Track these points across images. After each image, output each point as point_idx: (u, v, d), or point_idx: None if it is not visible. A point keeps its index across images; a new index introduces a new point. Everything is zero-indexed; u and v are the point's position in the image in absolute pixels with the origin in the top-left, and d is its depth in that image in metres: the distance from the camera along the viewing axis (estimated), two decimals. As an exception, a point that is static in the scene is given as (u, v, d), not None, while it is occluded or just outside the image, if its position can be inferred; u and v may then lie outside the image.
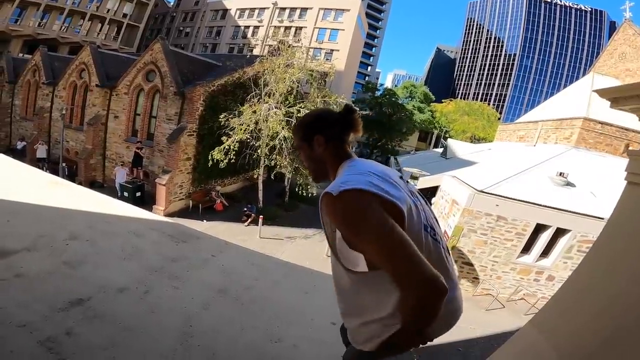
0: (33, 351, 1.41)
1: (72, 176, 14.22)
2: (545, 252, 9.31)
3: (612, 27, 67.39)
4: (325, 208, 0.89)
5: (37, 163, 13.92)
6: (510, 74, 77.86)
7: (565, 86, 24.94)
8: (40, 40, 26.16)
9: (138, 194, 12.85)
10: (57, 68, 16.63)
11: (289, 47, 13.05)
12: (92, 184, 14.11)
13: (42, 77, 16.54)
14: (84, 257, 2.22)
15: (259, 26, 40.27)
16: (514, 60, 77.91)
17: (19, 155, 14.76)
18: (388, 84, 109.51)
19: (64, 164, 14.18)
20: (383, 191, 0.85)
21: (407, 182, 1.11)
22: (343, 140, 1.10)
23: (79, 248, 2.32)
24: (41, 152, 15.28)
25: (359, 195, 0.84)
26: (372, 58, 66.56)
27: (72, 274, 2.02)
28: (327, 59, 26.72)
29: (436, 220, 1.08)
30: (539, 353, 1.64)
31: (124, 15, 33.82)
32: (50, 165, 14.79)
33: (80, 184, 12.52)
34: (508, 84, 77.87)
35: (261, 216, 12.22)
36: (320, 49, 37.40)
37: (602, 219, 8.09)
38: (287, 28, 38.60)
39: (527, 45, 77.00)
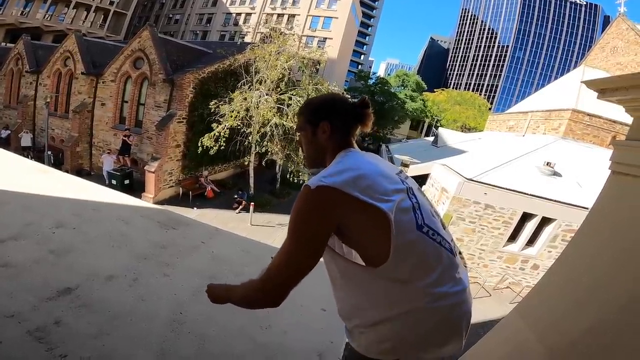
0: (23, 341, 1.40)
1: (58, 164, 13.96)
2: (531, 241, 9.52)
3: (606, 22, 67.81)
4: (299, 197, 0.88)
5: (22, 152, 13.63)
6: (503, 65, 78.26)
7: (556, 78, 25.14)
8: (24, 29, 25.29)
9: (127, 181, 12.71)
10: (41, 56, 16.21)
11: (280, 34, 12.87)
12: (79, 172, 13.85)
13: (26, 65, 16.10)
14: (71, 245, 2.19)
15: (251, 13, 39.49)
16: (506, 51, 78.21)
17: (3, 144, 14.46)
18: (381, 72, 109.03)
19: (49, 152, 13.89)
20: (363, 192, 0.84)
21: (407, 177, 1.04)
22: (349, 133, 1.05)
23: (65, 236, 2.29)
24: (26, 140, 14.97)
25: (330, 193, 0.84)
26: (365, 47, 65.97)
27: (60, 263, 2.00)
28: (320, 47, 26.41)
29: (437, 217, 1.01)
30: (523, 341, 1.68)
31: (111, 3, 32.70)
32: (35, 153, 14.50)
33: (66, 172, 12.29)
34: (500, 75, 78.32)
35: (252, 203, 12.23)
36: (314, 37, 36.98)
37: (587, 208, 8.26)
38: (280, 15, 37.96)
39: (520, 37, 77.26)
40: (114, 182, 12.41)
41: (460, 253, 8.37)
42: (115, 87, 13.88)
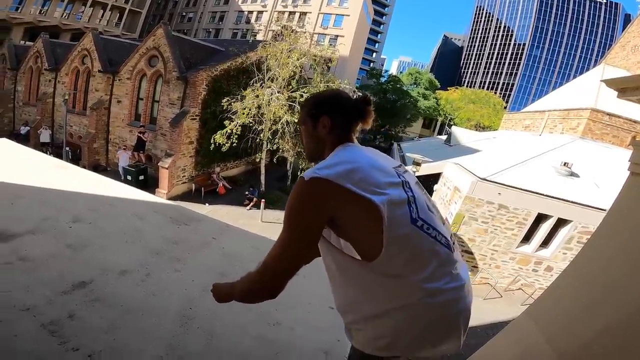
0: (36, 335, 1.42)
1: (75, 160, 14.33)
2: (545, 243, 9.32)
3: (627, 20, 65.60)
4: (294, 188, 0.89)
5: (41, 147, 14.02)
6: (519, 63, 76.65)
7: (575, 77, 24.47)
8: (42, 27, 25.94)
9: (141, 177, 12.96)
10: (59, 54, 16.62)
11: (292, 32, 12.88)
12: (96, 168, 14.18)
13: (45, 63, 16.53)
14: (86, 240, 2.25)
15: (263, 11, 39.63)
16: (523, 49, 76.56)
17: (22, 140, 14.83)
18: (393, 70, 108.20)
19: (67, 148, 14.27)
20: (356, 185, 0.84)
21: (405, 171, 1.04)
22: (349, 129, 1.06)
23: (81, 231, 2.34)
24: (45, 136, 15.37)
25: (323, 185, 0.85)
26: (377, 44, 65.52)
27: (75, 257, 2.05)
28: (331, 45, 26.33)
29: (435, 211, 1.00)
30: (533, 343, 1.65)
31: (126, 1, 33.23)
32: (54, 149, 14.89)
33: (84, 167, 12.59)
34: (516, 74, 76.77)
35: (263, 200, 12.31)
36: (325, 34, 36.88)
37: (604, 210, 8.05)
38: (291, 13, 37.95)
39: (538, 35, 75.49)
40: (129, 177, 12.66)
41: (471, 254, 8.19)
42: (130, 85, 14.13)
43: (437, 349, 0.91)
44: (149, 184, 12.86)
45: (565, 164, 9.57)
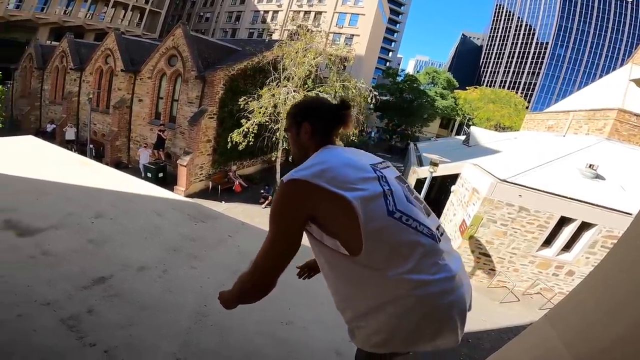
0: (55, 330, 1.45)
1: (99, 157, 14.78)
2: (568, 246, 9.01)
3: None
4: (276, 191, 0.95)
5: (66, 145, 14.52)
6: (542, 62, 74.38)
7: (601, 77, 23.55)
8: (67, 27, 26.90)
9: (161, 174, 13.26)
10: (84, 54, 17.16)
11: (307, 31, 12.89)
12: (118, 165, 14.61)
13: (70, 63, 17.11)
14: (107, 236, 2.30)
15: (278, 10, 39.85)
16: (545, 48, 74.23)
17: (48, 137, 15.38)
18: (410, 69, 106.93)
19: (91, 146, 14.75)
20: (329, 183, 0.88)
21: (385, 167, 1.07)
22: (330, 133, 1.11)
23: (103, 226, 2.41)
24: (70, 134, 15.92)
25: (300, 185, 0.90)
26: (393, 43, 64.96)
27: (96, 252, 2.10)
28: (347, 44, 26.21)
29: (417, 203, 1.01)
30: (551, 348, 1.61)
31: (146, 2, 34.17)
32: (78, 146, 15.42)
33: (106, 164, 12.93)
34: (538, 73, 74.53)
35: (278, 198, 12.38)
36: (340, 33, 36.78)
37: (630, 214, 7.74)
38: (307, 12, 38.02)
39: (562, 34, 73.04)
40: (149, 175, 12.98)
41: (489, 256, 7.96)
42: (151, 84, 14.46)
43: (434, 342, 0.92)
44: (168, 181, 13.15)
45: (590, 165, 9.23)
